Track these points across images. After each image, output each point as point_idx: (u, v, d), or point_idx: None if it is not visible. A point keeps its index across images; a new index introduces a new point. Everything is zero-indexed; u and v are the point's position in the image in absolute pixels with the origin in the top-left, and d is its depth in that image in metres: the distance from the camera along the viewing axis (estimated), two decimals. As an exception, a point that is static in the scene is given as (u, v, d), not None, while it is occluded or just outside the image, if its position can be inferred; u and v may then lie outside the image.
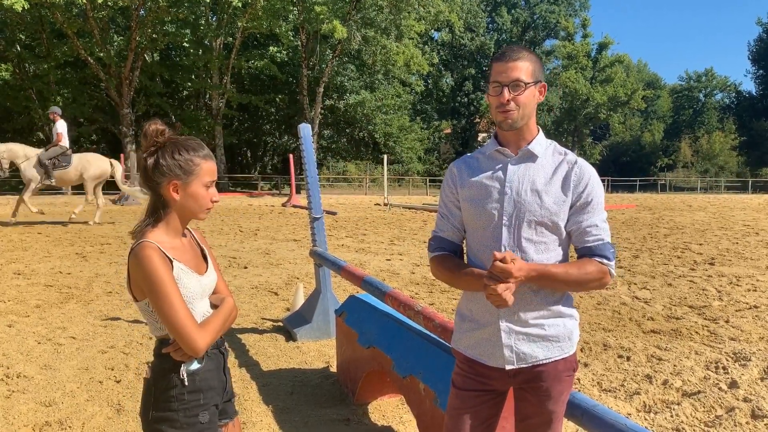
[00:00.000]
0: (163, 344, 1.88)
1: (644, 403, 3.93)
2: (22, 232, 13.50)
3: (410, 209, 23.41)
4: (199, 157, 1.88)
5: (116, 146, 37.56)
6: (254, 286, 7.81)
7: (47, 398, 3.96)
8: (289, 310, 6.31)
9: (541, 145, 1.96)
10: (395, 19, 33.94)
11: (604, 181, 45.24)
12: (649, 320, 6.10)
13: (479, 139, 57.91)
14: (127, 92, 31.43)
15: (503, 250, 1.88)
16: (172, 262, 1.82)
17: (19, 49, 31.69)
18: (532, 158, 1.94)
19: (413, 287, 7.81)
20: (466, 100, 56.24)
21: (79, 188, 32.15)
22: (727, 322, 6.00)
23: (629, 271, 9.09)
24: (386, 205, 24.51)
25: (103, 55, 29.94)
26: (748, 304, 6.82)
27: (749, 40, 79.54)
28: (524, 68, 1.86)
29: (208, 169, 1.90)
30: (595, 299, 7.05)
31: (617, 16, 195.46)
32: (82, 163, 14.96)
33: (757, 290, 7.61)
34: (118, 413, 3.75)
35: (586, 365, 4.70)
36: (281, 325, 5.85)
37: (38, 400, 3.94)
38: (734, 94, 67.36)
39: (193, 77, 37.14)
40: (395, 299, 3.40)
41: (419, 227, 15.92)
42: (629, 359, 4.82)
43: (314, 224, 5.56)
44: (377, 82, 42.12)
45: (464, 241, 2.07)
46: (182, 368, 1.86)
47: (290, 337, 5.44)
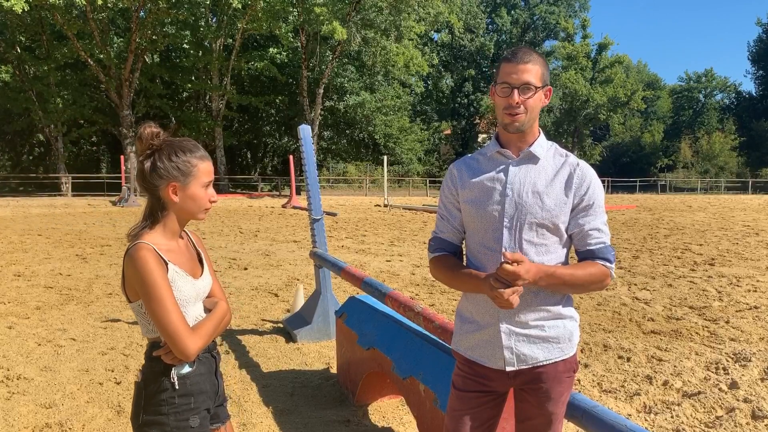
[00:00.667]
0: (154, 347, 1.87)
1: (644, 403, 3.93)
2: (22, 233, 13.50)
3: (410, 210, 23.41)
4: (196, 158, 1.87)
5: (116, 147, 37.67)
6: (254, 287, 7.81)
7: (47, 400, 3.96)
8: (289, 311, 6.31)
9: (542, 147, 1.95)
10: (395, 20, 33.94)
11: (604, 181, 45.22)
12: (649, 321, 6.10)
13: (479, 140, 57.94)
14: (127, 94, 31.46)
15: (504, 251, 1.88)
16: (167, 264, 1.81)
17: (19, 50, 31.73)
18: (533, 160, 1.94)
19: (413, 288, 7.81)
20: (465, 101, 56.26)
21: (78, 188, 32.22)
22: (727, 322, 6.00)
23: (629, 271, 9.09)
24: (386, 206, 24.51)
25: (103, 56, 29.97)
26: (748, 304, 6.82)
27: (749, 40, 79.63)
28: (534, 71, 1.86)
29: (205, 169, 1.89)
30: (595, 300, 7.05)
31: (617, 16, 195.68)
32: None
33: (757, 291, 7.61)
34: (118, 415, 3.75)
35: (586, 366, 4.70)
36: (281, 326, 5.85)
37: (38, 401, 3.94)
38: (734, 94, 67.33)
39: (193, 78, 37.16)
40: (395, 300, 3.40)
41: (419, 228, 15.92)
42: (629, 360, 4.82)
43: (314, 225, 5.56)
44: (377, 83, 42.11)
45: (464, 242, 2.07)
46: (173, 372, 1.84)
47: (290, 338, 5.44)
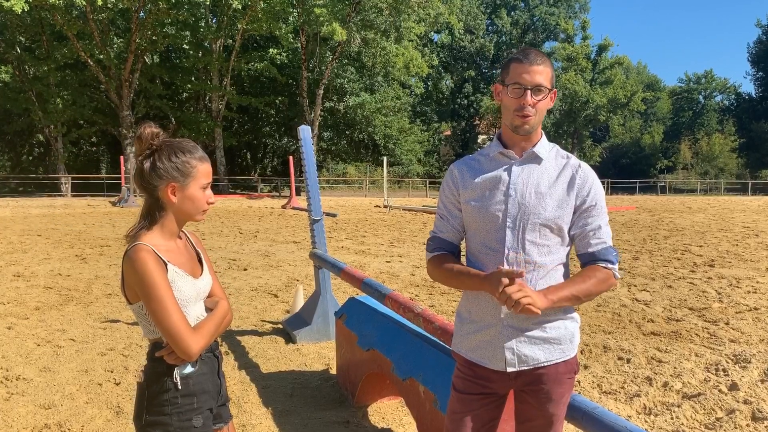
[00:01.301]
0: (156, 348, 1.87)
1: (644, 405, 3.93)
2: (21, 234, 13.50)
3: (410, 211, 23.41)
4: (195, 159, 1.87)
5: (116, 148, 37.68)
6: (254, 288, 7.81)
7: (46, 401, 3.95)
8: (288, 312, 6.31)
9: (545, 148, 1.95)
10: (395, 21, 33.96)
11: (603, 183, 45.19)
12: (649, 322, 6.10)
13: (479, 140, 57.96)
14: (127, 94, 31.48)
15: (506, 252, 1.88)
16: (166, 264, 1.81)
17: (19, 51, 31.74)
18: (536, 161, 1.93)
19: (413, 289, 7.80)
20: (465, 102, 56.27)
21: (78, 189, 32.21)
22: (727, 324, 5.99)
23: (629, 273, 9.09)
24: (386, 207, 24.52)
25: (103, 57, 29.98)
26: (748, 306, 6.82)
27: (749, 41, 79.77)
28: (546, 74, 1.86)
29: (204, 171, 1.89)
30: (594, 301, 7.04)
31: (617, 18, 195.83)
32: None
33: (757, 292, 7.61)
34: (117, 416, 3.74)
35: (586, 367, 4.70)
36: (281, 327, 5.84)
37: (37, 402, 3.93)
38: (734, 95, 67.33)
39: (193, 79, 37.16)
40: (395, 301, 3.40)
41: (419, 229, 15.91)
42: (629, 361, 4.81)
43: (314, 226, 5.55)
44: (377, 84, 42.14)
45: (462, 242, 2.07)
46: (176, 372, 1.84)
47: (290, 339, 5.43)
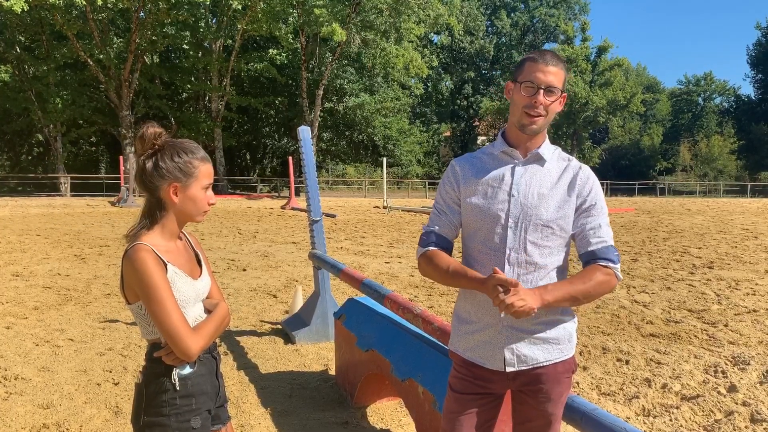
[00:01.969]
0: (154, 348, 1.86)
1: (643, 406, 3.93)
2: (20, 233, 13.48)
3: (409, 212, 23.41)
4: (197, 159, 1.87)
5: (115, 148, 37.66)
6: (253, 288, 7.81)
7: (45, 400, 3.95)
8: (287, 312, 6.31)
9: (548, 149, 1.96)
10: (395, 22, 33.94)
11: (603, 184, 45.14)
12: (648, 324, 6.10)
13: (478, 142, 57.97)
14: (126, 94, 31.46)
15: (507, 252, 1.87)
16: (166, 265, 1.80)
17: (18, 50, 31.71)
18: (540, 162, 1.94)
19: (412, 290, 7.80)
20: (465, 103, 56.29)
21: (77, 189, 32.19)
22: (726, 326, 6.00)
23: (628, 274, 9.09)
24: (385, 207, 24.51)
25: (102, 57, 29.95)
26: (747, 308, 6.82)
27: (748, 44, 79.74)
28: (560, 76, 1.86)
29: (206, 171, 1.89)
30: (593, 303, 7.04)
31: (617, 19, 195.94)
32: None
33: (755, 294, 7.62)
34: (116, 416, 3.74)
35: (585, 369, 4.70)
36: (280, 327, 5.84)
37: (36, 402, 3.93)
38: (733, 98, 67.34)
39: (192, 79, 37.15)
40: (394, 302, 3.40)
41: (418, 230, 15.91)
42: (628, 363, 4.81)
43: (313, 227, 5.55)
44: (377, 84, 42.12)
45: (456, 239, 2.06)
46: (174, 372, 1.84)
47: (289, 339, 5.43)
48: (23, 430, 3.53)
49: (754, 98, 63.73)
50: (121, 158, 28.40)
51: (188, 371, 1.87)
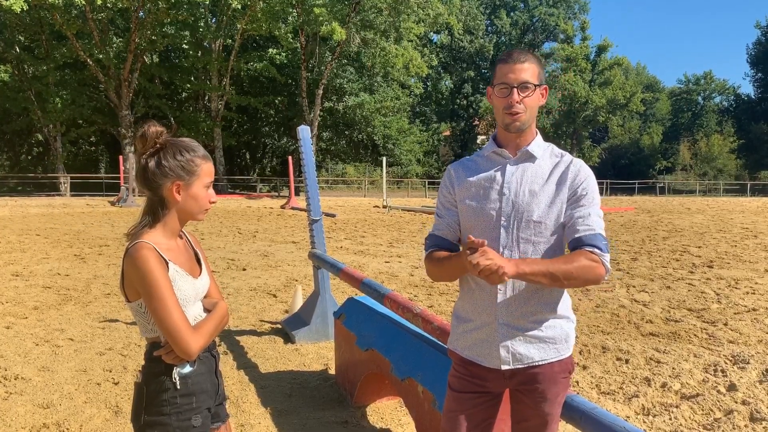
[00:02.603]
0: (154, 347, 1.86)
1: (643, 405, 3.93)
2: (20, 233, 13.49)
3: (409, 211, 23.41)
4: (199, 157, 1.88)
5: (115, 148, 37.65)
6: (253, 288, 7.81)
7: (45, 400, 3.95)
8: (287, 312, 6.31)
9: (539, 146, 1.96)
10: (394, 21, 33.95)
11: (602, 183, 45.20)
12: (647, 323, 6.10)
13: (478, 141, 57.96)
14: (126, 94, 31.46)
15: (501, 250, 1.88)
16: (167, 263, 1.81)
17: (18, 50, 31.70)
18: (530, 159, 1.94)
19: (412, 289, 7.80)
20: (465, 102, 56.29)
21: (77, 188, 32.19)
22: (725, 325, 6.00)
23: (628, 273, 9.10)
24: (385, 207, 24.52)
25: (102, 56, 29.95)
26: (746, 307, 6.83)
27: (748, 43, 79.77)
28: (531, 70, 1.87)
29: (207, 170, 1.90)
30: (593, 302, 7.05)
31: (616, 18, 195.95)
32: None
33: (755, 293, 7.62)
34: (115, 415, 3.74)
35: (584, 368, 4.70)
36: (280, 327, 5.84)
37: (36, 402, 3.93)
38: (733, 97, 67.34)
39: (192, 79, 37.14)
40: (394, 301, 3.40)
41: (418, 229, 15.92)
42: (628, 362, 4.82)
43: (313, 226, 5.55)
44: (376, 84, 42.13)
45: (460, 240, 2.07)
46: (174, 371, 1.84)
47: (289, 339, 5.43)
48: (23, 429, 3.53)
49: (753, 97, 63.74)
50: (120, 158, 28.40)
51: (188, 370, 1.87)
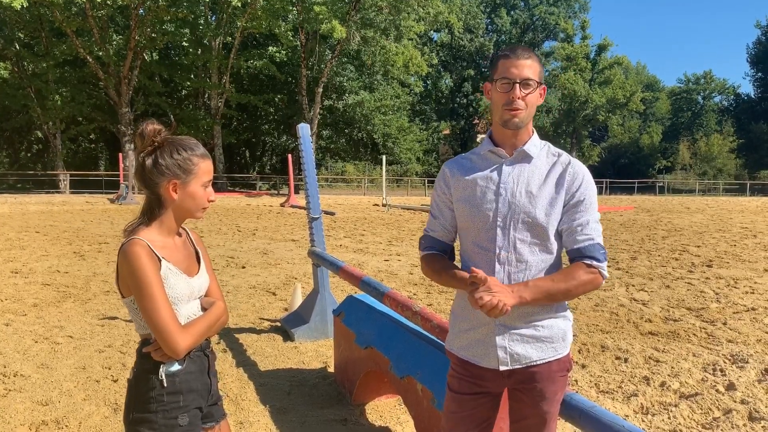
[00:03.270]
0: (145, 344, 1.86)
1: (642, 404, 3.93)
2: (19, 230, 13.48)
3: (408, 210, 23.41)
4: (197, 156, 1.87)
5: (115, 145, 37.61)
6: (252, 286, 7.81)
7: (44, 397, 3.95)
8: (287, 310, 6.31)
9: (536, 146, 1.95)
10: (394, 19, 33.94)
11: (602, 182, 45.24)
12: (646, 322, 6.10)
13: (478, 140, 57.92)
14: (126, 91, 31.42)
15: (497, 251, 1.87)
16: (160, 260, 1.80)
17: (17, 47, 31.66)
18: (527, 159, 1.93)
19: (411, 288, 7.81)
20: (465, 101, 56.28)
21: (77, 186, 32.17)
22: (724, 324, 6.00)
23: (627, 272, 9.10)
24: (385, 205, 24.51)
25: (102, 54, 29.92)
26: (745, 306, 6.83)
27: (748, 42, 79.69)
28: (534, 68, 1.86)
29: (205, 168, 1.89)
30: (592, 301, 7.05)
31: (616, 18, 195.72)
32: None
33: (754, 292, 7.62)
34: (114, 412, 3.74)
35: (583, 366, 4.70)
36: (279, 325, 5.84)
37: (35, 399, 3.93)
38: (733, 96, 67.36)
39: (192, 77, 37.11)
40: (393, 300, 3.40)
41: (417, 228, 15.92)
42: (627, 361, 4.82)
43: (312, 224, 5.55)
44: (376, 82, 42.12)
45: (456, 241, 2.07)
46: (161, 369, 1.83)
47: (288, 337, 5.43)
48: (22, 426, 3.53)
49: (753, 97, 63.77)
50: (120, 155, 28.39)
51: (176, 368, 1.86)
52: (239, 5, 29.62)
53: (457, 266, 1.97)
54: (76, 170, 34.97)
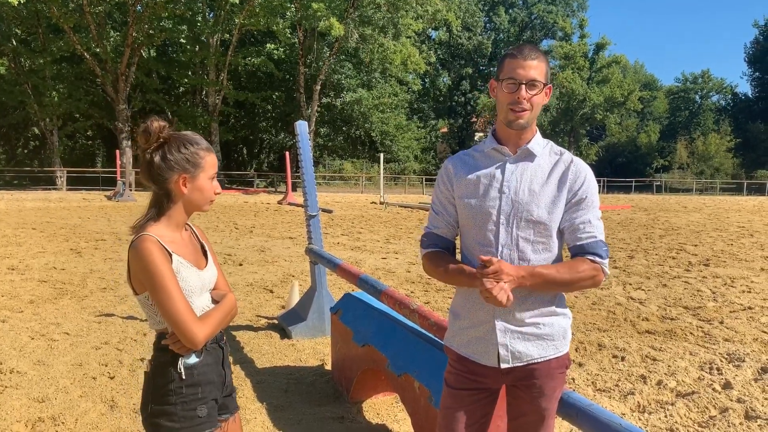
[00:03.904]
0: (162, 338, 1.89)
1: (638, 403, 3.94)
2: (16, 227, 13.45)
3: (406, 208, 23.41)
4: (203, 149, 1.90)
5: (112, 142, 37.54)
6: (249, 283, 7.80)
7: (40, 394, 3.94)
8: (284, 307, 6.31)
9: (539, 144, 1.95)
10: (393, 17, 33.89)
11: (599, 181, 45.08)
12: (643, 321, 6.11)
13: (476, 138, 57.96)
14: (123, 88, 31.34)
15: (500, 249, 1.88)
16: (171, 255, 1.82)
17: (14, 43, 31.54)
18: (530, 157, 1.93)
19: (409, 285, 7.81)
20: (462, 99, 56.26)
21: (73, 182, 32.09)
22: (721, 323, 6.02)
23: (624, 271, 9.11)
24: (382, 203, 24.51)
25: (99, 50, 29.83)
26: (742, 305, 6.85)
27: (745, 42, 79.85)
28: (540, 69, 1.86)
29: (211, 161, 1.93)
30: (590, 299, 7.06)
31: (615, 16, 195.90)
32: None
33: (751, 291, 7.64)
34: (111, 409, 3.73)
35: (580, 365, 4.71)
36: (276, 322, 5.84)
37: (31, 395, 3.92)
38: (730, 96, 67.45)
39: (189, 74, 37.03)
40: (391, 297, 3.40)
41: (415, 226, 15.92)
42: (624, 359, 4.83)
43: (310, 222, 5.55)
44: (374, 80, 42.09)
45: (457, 238, 2.07)
46: (180, 362, 1.86)
47: (285, 334, 5.43)
48: (18, 423, 3.52)
49: (751, 96, 63.87)
50: (117, 152, 28.30)
51: (194, 360, 1.89)
52: (237, 2, 29.55)
53: (461, 263, 1.97)
54: (72, 167, 34.89)
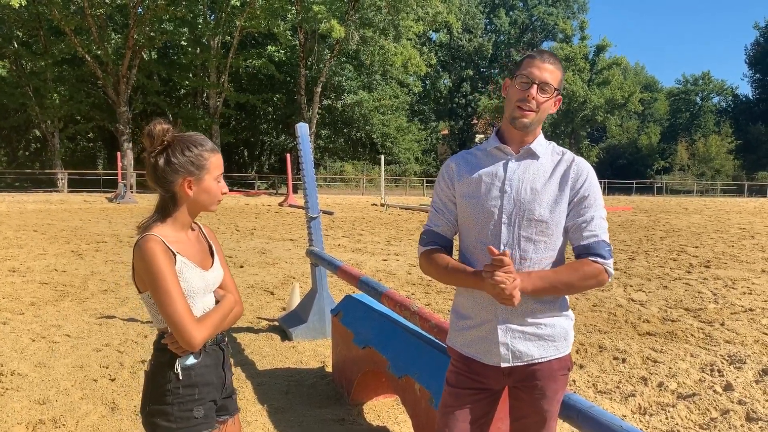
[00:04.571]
0: (162, 337, 1.90)
1: (639, 405, 3.94)
2: (17, 229, 13.46)
3: (407, 210, 23.41)
4: (207, 151, 1.89)
5: (113, 144, 37.58)
6: (250, 285, 7.80)
7: (41, 396, 3.94)
8: (284, 309, 6.31)
9: (541, 144, 1.96)
10: (393, 19, 33.93)
11: (600, 183, 45.11)
12: (644, 322, 6.11)
13: (476, 140, 58.01)
14: (124, 90, 31.37)
15: (502, 248, 1.88)
16: (175, 255, 1.83)
17: (16, 45, 31.59)
18: (533, 157, 1.94)
19: (409, 287, 7.81)
20: (463, 101, 56.30)
21: (75, 184, 32.11)
22: (722, 324, 6.01)
23: (625, 273, 9.11)
24: (383, 205, 24.51)
25: (100, 52, 29.87)
26: (743, 307, 6.84)
27: (746, 43, 79.75)
28: (556, 75, 1.88)
29: (216, 162, 1.92)
30: (590, 301, 7.06)
31: (615, 18, 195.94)
32: None
33: (752, 293, 7.63)
34: (112, 412, 3.73)
35: (581, 367, 4.70)
36: (277, 324, 5.84)
37: (32, 398, 3.92)
38: (731, 97, 67.44)
39: (190, 76, 37.07)
40: (391, 299, 3.40)
41: (416, 228, 15.92)
42: (625, 361, 4.82)
43: (311, 224, 5.55)
44: (375, 82, 42.12)
45: (456, 237, 2.06)
46: (177, 363, 1.86)
47: (286, 336, 5.43)
48: (19, 425, 3.52)
49: (751, 98, 63.86)
50: (118, 154, 28.33)
51: (192, 361, 1.89)
52: (238, 4, 29.64)
53: (463, 265, 1.96)
54: (74, 169, 34.90)
